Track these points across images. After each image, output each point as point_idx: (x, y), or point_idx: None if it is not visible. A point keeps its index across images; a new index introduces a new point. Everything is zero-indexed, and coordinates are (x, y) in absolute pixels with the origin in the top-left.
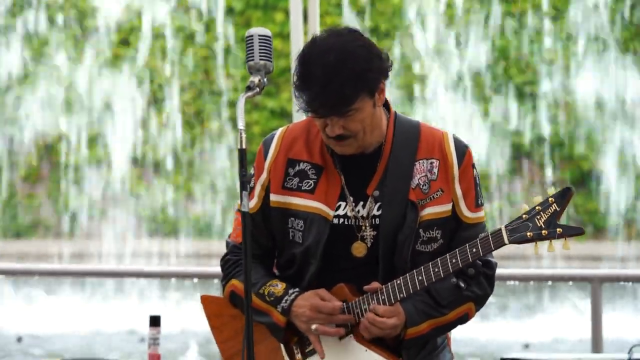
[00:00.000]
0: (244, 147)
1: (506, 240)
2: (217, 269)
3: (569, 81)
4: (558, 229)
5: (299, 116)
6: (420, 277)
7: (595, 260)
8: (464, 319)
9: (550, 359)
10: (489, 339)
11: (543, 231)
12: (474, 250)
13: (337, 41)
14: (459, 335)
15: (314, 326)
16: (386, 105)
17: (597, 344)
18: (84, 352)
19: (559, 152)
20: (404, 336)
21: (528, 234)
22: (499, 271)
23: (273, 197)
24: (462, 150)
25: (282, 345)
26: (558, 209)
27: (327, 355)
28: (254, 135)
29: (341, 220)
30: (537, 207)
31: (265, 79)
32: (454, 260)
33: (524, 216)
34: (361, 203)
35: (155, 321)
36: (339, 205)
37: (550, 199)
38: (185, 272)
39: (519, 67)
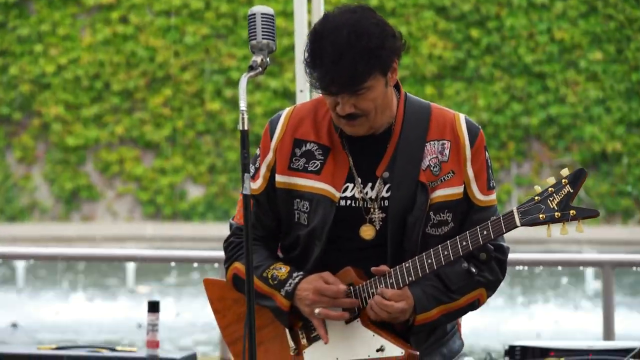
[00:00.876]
0: (245, 128)
1: (518, 223)
2: (217, 253)
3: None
4: (571, 211)
5: (302, 96)
6: (429, 260)
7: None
8: (474, 305)
9: (559, 347)
10: (497, 326)
11: (556, 213)
12: (485, 232)
13: (350, 18)
14: (468, 322)
15: (317, 310)
16: (396, 86)
17: (608, 332)
18: (78, 339)
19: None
20: (413, 322)
21: (540, 216)
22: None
23: (278, 178)
24: (475, 131)
25: (286, 330)
26: (571, 191)
27: (332, 339)
28: (256, 116)
29: (348, 202)
30: (549, 189)
31: (267, 59)
32: (464, 243)
33: (536, 198)
34: (370, 184)
35: (154, 307)
36: (346, 187)
37: (563, 181)
38: (185, 256)
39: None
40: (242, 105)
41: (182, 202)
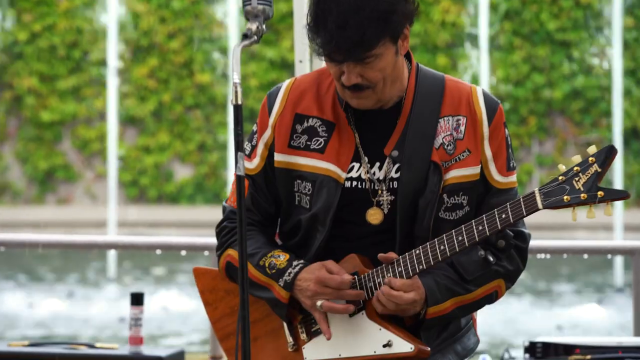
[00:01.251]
0: (239, 102)
1: (540, 205)
2: (207, 239)
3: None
4: (599, 193)
5: (302, 67)
6: (442, 247)
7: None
8: (492, 297)
9: (585, 343)
10: (516, 319)
11: (582, 195)
12: (504, 216)
13: None
14: (483, 314)
15: (319, 302)
16: (407, 55)
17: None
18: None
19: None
20: (424, 315)
21: (565, 197)
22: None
23: (277, 157)
24: (493, 106)
25: (285, 324)
26: (599, 170)
27: (335, 334)
28: (251, 89)
29: (354, 183)
30: (575, 168)
31: (264, 26)
32: (480, 228)
33: (560, 178)
34: (377, 164)
35: (137, 299)
36: (352, 167)
37: (590, 159)
38: (172, 243)
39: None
40: (236, 77)
41: (168, 183)
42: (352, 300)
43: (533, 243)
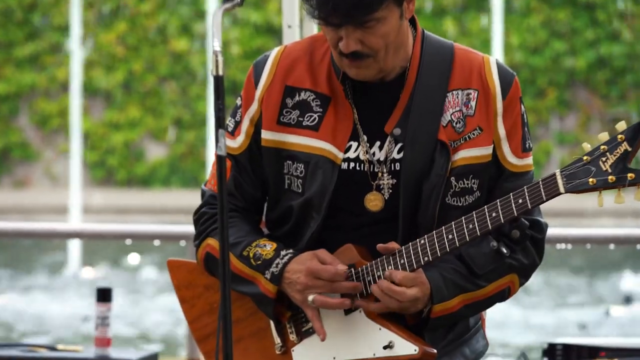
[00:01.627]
0: (220, 73)
1: (562, 189)
2: (183, 227)
3: None
4: (629, 175)
5: (291, 33)
6: (450, 236)
7: None
8: (504, 294)
9: (611, 345)
10: (534, 319)
11: (610, 177)
12: (520, 201)
13: None
14: (497, 312)
15: (311, 297)
16: (412, 21)
17: None
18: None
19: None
20: (429, 314)
21: (590, 180)
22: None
23: (265, 135)
24: (508, 79)
25: (272, 323)
26: (629, 149)
27: (330, 334)
28: (233, 57)
29: (351, 164)
30: (602, 147)
31: None
32: (494, 214)
33: (585, 158)
34: (377, 143)
35: (104, 295)
36: (349, 146)
37: (619, 137)
38: (143, 231)
39: None
40: (216, 44)
41: (139, 164)
42: (348, 295)
43: (551, 231)
